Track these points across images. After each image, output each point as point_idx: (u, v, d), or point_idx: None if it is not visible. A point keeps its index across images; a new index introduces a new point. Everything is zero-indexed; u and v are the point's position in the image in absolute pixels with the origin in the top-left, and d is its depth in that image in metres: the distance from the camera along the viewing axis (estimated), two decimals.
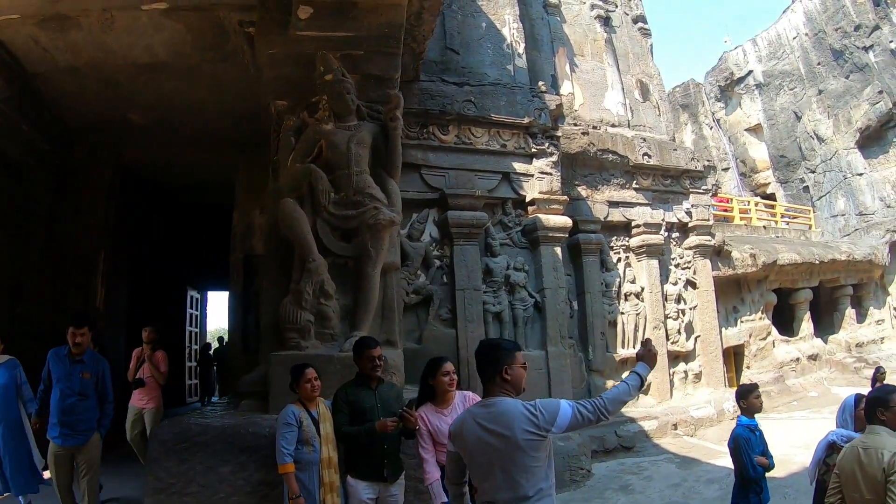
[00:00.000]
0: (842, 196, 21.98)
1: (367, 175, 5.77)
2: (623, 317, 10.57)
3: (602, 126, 11.07)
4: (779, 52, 24.14)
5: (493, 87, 9.03)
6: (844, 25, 21.39)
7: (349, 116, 5.92)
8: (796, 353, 15.64)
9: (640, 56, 12.63)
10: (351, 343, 4.93)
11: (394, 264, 5.96)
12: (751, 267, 13.89)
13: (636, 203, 10.97)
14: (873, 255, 18.93)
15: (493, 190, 8.77)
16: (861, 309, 19.79)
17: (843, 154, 21.86)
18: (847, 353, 17.29)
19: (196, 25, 6.16)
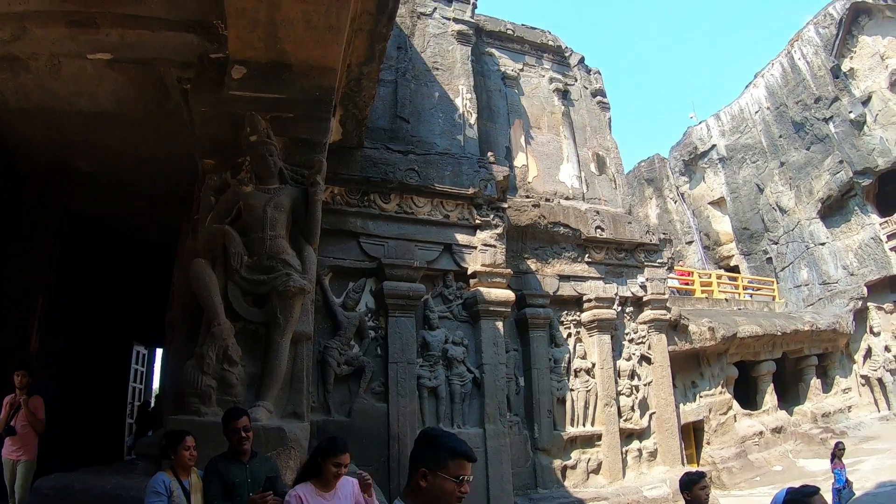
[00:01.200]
0: (805, 266, 22.12)
1: (283, 240, 5.60)
2: (573, 393, 10.31)
3: (555, 199, 11.03)
4: (741, 126, 24.64)
5: (440, 156, 8.98)
6: (805, 98, 21.90)
7: (270, 179, 5.79)
8: (759, 426, 15.38)
9: (598, 129, 12.73)
10: (253, 413, 4.71)
11: (305, 334, 5.66)
12: (709, 341, 13.73)
13: (588, 277, 10.84)
14: (837, 324, 18.93)
15: (433, 261, 8.57)
16: (827, 378, 19.69)
17: (805, 224, 22.09)
18: (813, 424, 17.07)
19: (139, 79, 6.06)
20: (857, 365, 20.33)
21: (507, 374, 9.43)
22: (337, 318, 7.81)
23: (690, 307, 15.74)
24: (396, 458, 7.45)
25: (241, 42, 5.31)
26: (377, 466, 7.27)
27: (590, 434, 10.34)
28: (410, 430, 7.70)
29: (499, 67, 12.07)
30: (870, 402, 19.78)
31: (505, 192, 9.45)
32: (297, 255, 5.65)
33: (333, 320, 7.82)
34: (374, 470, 7.10)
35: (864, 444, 15.53)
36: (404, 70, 9.90)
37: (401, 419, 7.72)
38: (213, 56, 5.62)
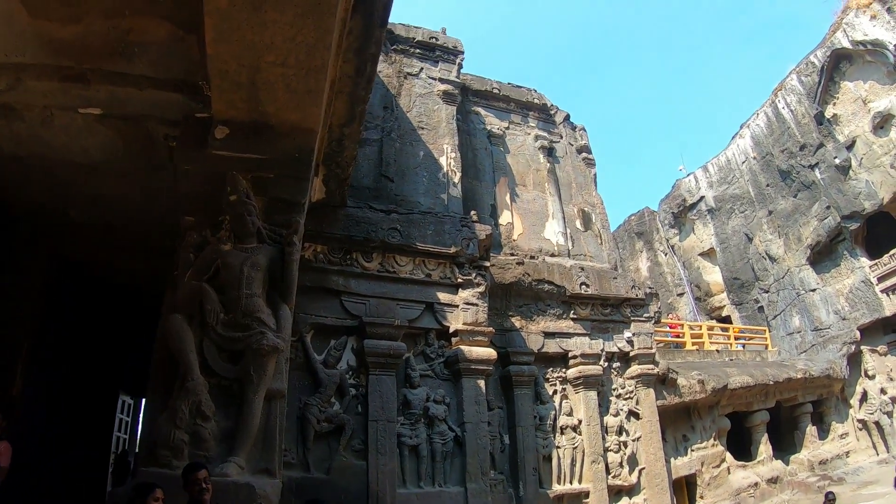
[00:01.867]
0: (796, 313, 22.13)
1: (259, 298, 5.70)
2: (559, 451, 10.23)
3: (541, 256, 11.15)
4: (729, 176, 24.94)
5: (422, 215, 9.10)
6: (790, 146, 22.20)
7: (249, 238, 5.92)
8: (755, 477, 15.19)
9: (584, 185, 12.93)
10: (223, 468, 4.82)
11: (279, 391, 5.69)
12: (699, 393, 13.66)
13: (574, 333, 10.87)
14: (831, 369, 18.86)
15: (415, 320, 8.61)
16: (823, 425, 19.51)
17: (795, 272, 22.18)
18: (810, 473, 16.86)
19: (127, 133, 6.21)
20: (854, 409, 20.15)
21: (491, 431, 9.41)
22: (318, 376, 7.82)
23: (681, 360, 15.73)
24: None
25: (224, 103, 5.49)
26: None
27: (577, 492, 10.20)
28: (390, 489, 7.65)
29: (485, 126, 12.32)
30: (868, 446, 19.56)
31: (488, 250, 9.56)
32: (273, 314, 5.74)
33: (314, 377, 7.83)
34: None
35: (864, 489, 15.41)
36: (390, 129, 10.13)
37: (380, 477, 7.65)
38: (198, 115, 5.80)
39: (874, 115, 20.21)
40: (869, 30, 19.62)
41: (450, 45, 11.62)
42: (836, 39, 20.68)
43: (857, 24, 19.97)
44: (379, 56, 6.46)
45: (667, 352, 15.67)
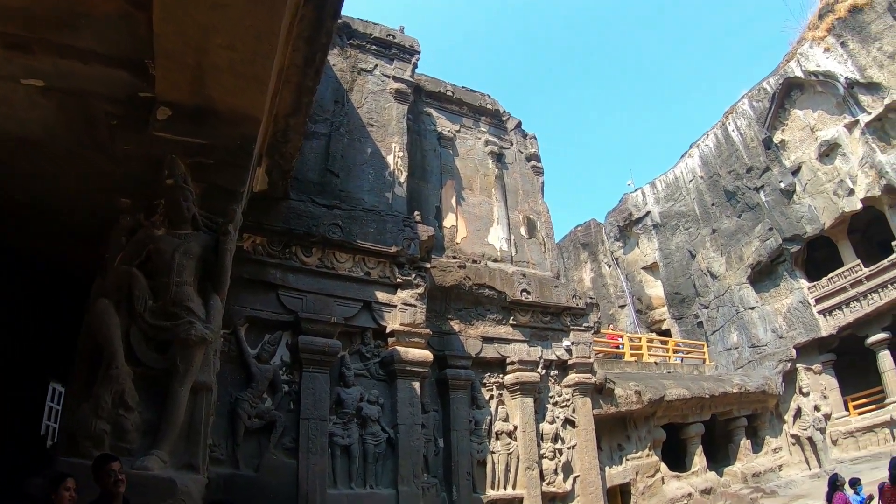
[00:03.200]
0: (735, 330, 22.70)
1: (189, 287, 5.57)
2: (494, 456, 10.19)
3: (483, 260, 11.13)
4: (675, 194, 25.50)
5: (365, 213, 8.97)
6: (737, 168, 22.86)
7: (183, 224, 5.78)
8: (688, 488, 15.42)
9: (531, 193, 13.00)
10: (144, 462, 4.70)
11: (206, 384, 5.57)
12: (636, 404, 13.82)
13: (512, 339, 10.87)
14: (767, 385, 19.32)
15: (352, 318, 8.46)
16: (757, 439, 19.96)
17: (735, 289, 22.78)
18: (743, 485, 17.21)
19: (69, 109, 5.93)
20: (788, 425, 20.70)
21: (426, 434, 9.32)
22: (250, 370, 7.61)
23: (619, 370, 15.90)
24: None
25: (169, 84, 5.31)
26: None
27: (511, 497, 10.17)
28: (320, 489, 7.49)
29: (436, 127, 12.28)
30: (800, 460, 20.11)
31: (430, 251, 9.49)
32: (203, 304, 5.62)
33: (247, 372, 7.61)
34: None
35: (795, 502, 15.77)
36: (339, 124, 9.98)
37: (310, 477, 7.47)
38: (141, 95, 5.57)
39: (821, 143, 20.98)
40: (822, 61, 20.37)
41: (406, 43, 11.55)
42: (790, 68, 21.39)
43: (811, 55, 20.73)
44: (329, 47, 6.38)
45: (605, 362, 15.81)
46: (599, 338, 16.96)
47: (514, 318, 11.06)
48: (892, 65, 18.92)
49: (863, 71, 19.41)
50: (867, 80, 19.34)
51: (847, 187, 20.43)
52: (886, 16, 19.02)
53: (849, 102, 20.21)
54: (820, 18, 20.66)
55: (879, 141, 19.76)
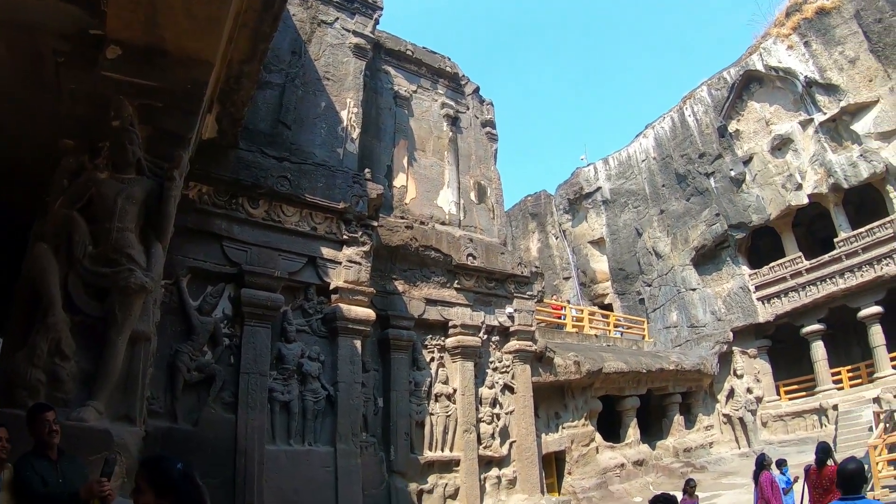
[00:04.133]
0: (675, 309, 23.26)
1: (131, 234, 5.36)
2: (432, 418, 10.27)
3: (431, 222, 11.08)
4: (627, 172, 25.78)
5: (315, 167, 8.79)
6: (690, 152, 23.26)
7: (127, 168, 5.55)
8: (622, 458, 15.84)
9: (484, 159, 12.94)
10: (80, 412, 4.57)
11: (144, 334, 5.40)
12: (574, 374, 14.05)
13: (456, 303, 10.90)
14: (702, 365, 19.91)
15: (296, 273, 8.34)
16: (690, 416, 20.66)
17: (678, 270, 23.28)
18: (675, 459, 17.79)
19: (15, 45, 5.63)
20: (720, 404, 21.49)
21: (365, 393, 9.34)
22: (191, 322, 7.44)
23: (560, 340, 16.13)
24: (242, 473, 7.14)
25: (120, 21, 5.08)
26: (222, 481, 6.94)
27: (448, 459, 10.31)
28: (259, 445, 7.40)
29: (393, 86, 12.08)
30: (731, 439, 20.89)
31: (378, 210, 9.40)
32: (145, 251, 5.43)
33: (187, 324, 7.45)
34: (217, 485, 6.81)
35: (724, 478, 16.31)
36: (294, 76, 9.71)
37: (249, 433, 7.39)
38: (91, 32, 5.31)
39: (774, 136, 21.50)
40: (784, 58, 20.79)
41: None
42: (752, 61, 21.77)
43: (774, 51, 21.12)
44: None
45: (547, 331, 16.01)
46: (542, 307, 17.08)
47: (458, 281, 11.08)
48: (851, 69, 19.44)
49: (823, 72, 19.92)
50: (826, 82, 19.88)
51: (796, 182, 21.04)
52: (852, 22, 19.47)
53: (806, 101, 20.74)
54: (787, 16, 21.01)
55: (831, 141, 20.38)
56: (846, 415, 18.29)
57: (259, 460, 7.32)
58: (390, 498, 9.44)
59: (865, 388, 19.50)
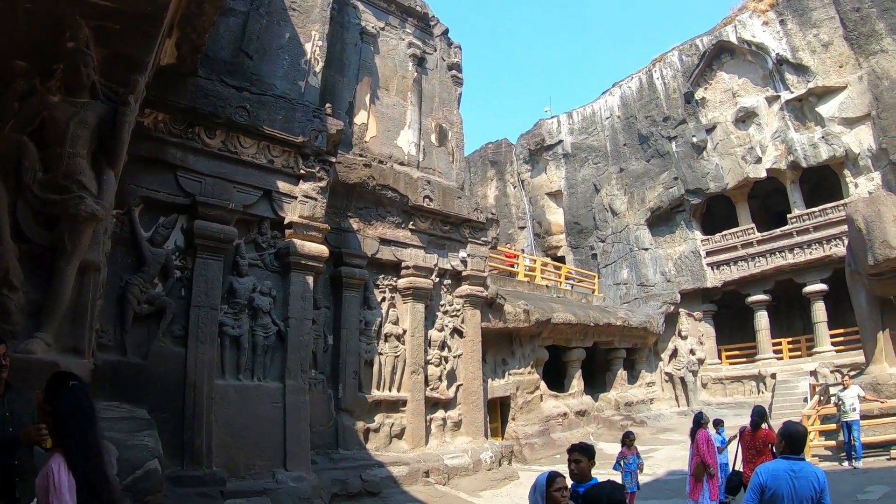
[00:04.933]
0: (626, 267, 23.72)
1: (82, 160, 5.17)
2: (381, 357, 10.36)
3: (390, 162, 10.97)
4: (590, 128, 25.89)
5: (275, 99, 8.52)
6: (655, 115, 23.49)
7: (81, 92, 5.29)
8: (564, 408, 16.29)
9: (447, 102, 12.79)
10: (28, 345, 4.46)
11: (94, 264, 5.26)
12: (524, 322, 14.27)
13: (410, 244, 10.89)
14: (649, 323, 20.46)
15: (250, 206, 8.14)
16: (633, 371, 21.38)
17: (632, 229, 23.69)
18: (616, 411, 18.41)
19: None
20: (663, 363, 22.29)
21: (316, 330, 9.33)
22: (142, 253, 7.26)
23: (511, 288, 16.31)
24: (191, 406, 7.11)
25: None
26: (170, 415, 6.91)
27: (395, 399, 10.44)
28: (208, 379, 7.34)
29: (360, 21, 11.74)
30: (671, 397, 21.72)
31: (336, 146, 9.22)
32: (96, 178, 5.24)
33: (139, 255, 7.26)
34: (166, 419, 6.77)
35: (662, 434, 16.92)
36: (259, 4, 9.29)
37: (199, 367, 7.31)
38: None
39: (739, 108, 21.85)
40: (758, 33, 21.00)
41: None
42: (725, 32, 21.92)
43: (749, 25, 21.30)
44: None
45: (499, 278, 16.17)
46: (496, 254, 17.29)
47: (413, 223, 11.05)
48: (824, 53, 19.81)
49: (795, 52, 20.24)
50: (797, 62, 20.23)
51: (756, 155, 21.51)
52: (830, 7, 19.74)
53: (774, 77, 21.11)
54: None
55: (795, 120, 20.85)
56: (783, 384, 19.09)
57: (208, 395, 7.27)
58: (337, 435, 9.56)
59: (804, 361, 20.38)
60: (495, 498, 9.70)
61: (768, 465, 3.82)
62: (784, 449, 3.80)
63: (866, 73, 19.10)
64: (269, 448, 7.79)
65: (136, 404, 6.48)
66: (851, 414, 10.23)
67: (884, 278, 11.55)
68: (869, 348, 12.53)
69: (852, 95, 19.52)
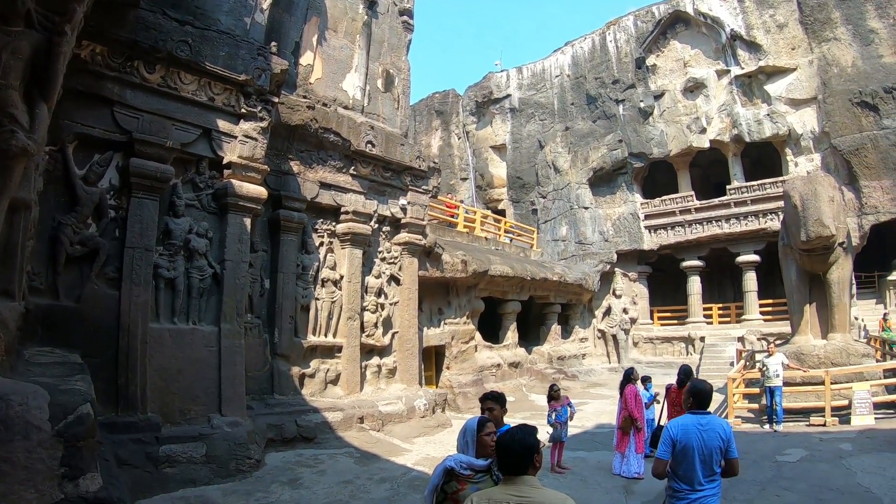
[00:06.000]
0: (566, 224, 24.12)
1: (14, 92, 4.87)
2: (318, 302, 10.34)
3: (334, 105, 10.77)
4: (539, 84, 25.96)
5: (219, 34, 8.17)
6: (605, 77, 23.75)
7: (16, 20, 4.97)
8: (498, 359, 16.66)
9: (396, 48, 12.58)
10: None
11: (24, 202, 5.09)
12: (461, 272, 14.41)
13: (350, 189, 10.82)
14: (585, 280, 20.98)
15: (189, 144, 7.89)
16: (567, 327, 22.06)
17: (574, 187, 24.02)
18: (549, 365, 18.94)
19: None
20: (597, 320, 23.05)
21: (253, 274, 9.26)
22: (76, 192, 6.98)
23: (450, 238, 16.42)
24: (125, 351, 6.97)
25: None
26: (104, 360, 6.77)
27: (331, 345, 10.47)
28: (142, 323, 7.17)
29: None
30: (603, 353, 22.56)
31: (280, 86, 8.98)
32: (28, 112, 4.96)
33: (72, 194, 6.98)
34: (100, 364, 6.65)
35: (593, 388, 17.52)
36: None
37: (133, 310, 7.13)
38: None
39: (689, 78, 22.37)
40: (715, 7, 21.44)
41: None
42: (683, 2, 22.23)
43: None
44: None
45: (438, 228, 16.24)
46: (436, 204, 17.34)
47: (355, 168, 10.96)
48: (778, 34, 20.41)
49: (749, 29, 20.76)
50: (750, 39, 20.79)
51: (701, 125, 22.13)
52: None
53: (727, 52, 21.64)
54: None
55: (743, 95, 21.51)
56: (711, 347, 20.05)
57: (142, 339, 7.14)
58: (273, 380, 9.58)
59: (732, 327, 21.42)
60: (428, 444, 9.90)
61: (678, 420, 4.07)
62: (692, 405, 4.09)
63: (817, 59, 19.81)
64: (205, 393, 7.75)
65: (68, 349, 6.35)
66: (775, 380, 10.66)
67: (814, 254, 12.01)
68: (795, 320, 13.03)
69: (801, 78, 20.22)
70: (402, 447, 9.53)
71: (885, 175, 18.44)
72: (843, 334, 12.28)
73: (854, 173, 18.90)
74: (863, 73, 18.85)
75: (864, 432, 9.66)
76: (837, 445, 8.96)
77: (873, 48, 18.81)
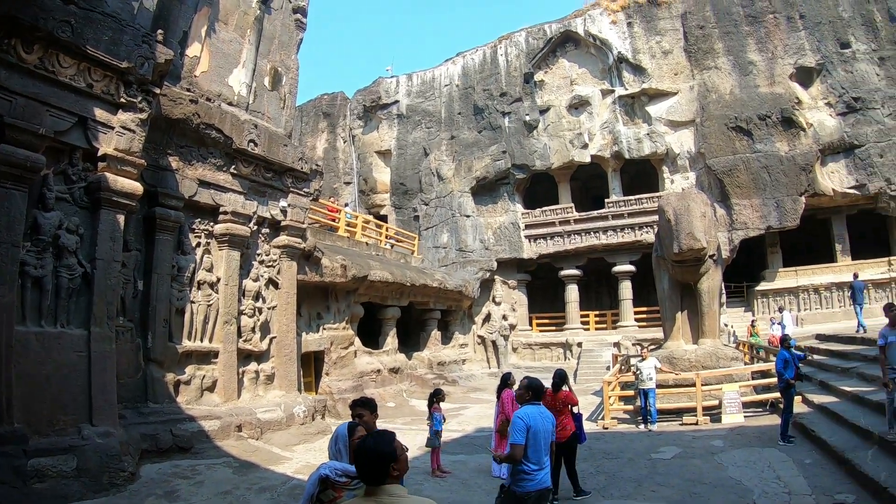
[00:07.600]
0: (447, 231, 24.51)
1: None
2: (193, 306, 9.92)
3: (218, 101, 10.39)
4: (428, 92, 26.29)
5: (104, 17, 7.58)
6: (493, 89, 24.41)
7: None
8: (378, 364, 16.61)
9: (286, 45, 12.30)
10: None
11: None
12: (340, 277, 14.30)
13: (230, 189, 10.49)
14: (465, 287, 21.34)
15: (63, 133, 7.30)
16: (447, 333, 22.37)
17: (457, 195, 24.49)
18: (429, 370, 19.07)
19: None
20: (477, 326, 23.55)
21: (125, 274, 8.76)
22: None
23: (331, 243, 16.25)
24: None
25: None
26: None
27: (207, 350, 10.09)
28: (7, 326, 6.51)
29: None
30: (482, 359, 23.03)
31: (163, 77, 8.51)
32: None
33: None
34: None
35: (473, 393, 17.82)
36: None
37: None
38: None
39: (575, 96, 23.46)
40: (605, 30, 22.66)
41: None
42: (575, 23, 23.28)
43: (598, 21, 22.90)
44: None
45: (319, 232, 15.99)
46: (318, 207, 17.13)
47: (236, 167, 10.65)
48: (662, 59, 21.94)
49: (636, 53, 22.11)
50: (636, 63, 22.15)
51: (583, 141, 23.20)
52: (677, 20, 21.90)
53: (613, 73, 22.90)
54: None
55: (625, 115, 22.83)
56: (588, 352, 20.94)
57: (7, 343, 6.48)
58: (146, 387, 9.09)
59: (608, 333, 22.46)
60: (308, 452, 9.73)
61: (527, 410, 4.74)
62: (530, 397, 4.82)
63: (698, 85, 21.34)
64: (74, 402, 7.20)
65: None
66: (648, 383, 11.23)
67: (686, 265, 12.69)
68: (668, 326, 13.74)
69: (681, 102, 21.66)
70: (282, 455, 9.32)
71: (754, 194, 20.18)
72: (713, 339, 13.07)
73: (726, 192, 20.51)
74: (739, 101, 20.53)
75: (734, 429, 10.37)
76: (709, 442, 9.56)
77: (751, 78, 20.56)
